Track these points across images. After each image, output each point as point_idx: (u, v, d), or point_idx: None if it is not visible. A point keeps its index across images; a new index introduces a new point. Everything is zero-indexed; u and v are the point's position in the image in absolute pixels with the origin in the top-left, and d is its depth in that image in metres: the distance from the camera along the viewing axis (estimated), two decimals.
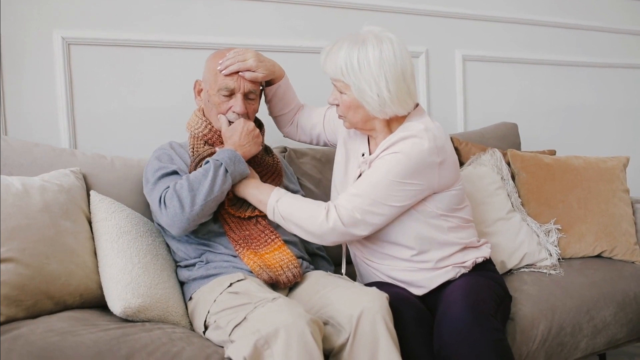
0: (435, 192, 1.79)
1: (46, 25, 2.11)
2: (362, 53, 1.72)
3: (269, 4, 2.53)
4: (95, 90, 2.21)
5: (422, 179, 1.74)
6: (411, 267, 1.83)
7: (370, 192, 1.73)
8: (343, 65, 1.74)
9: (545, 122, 3.33)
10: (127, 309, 1.60)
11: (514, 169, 2.50)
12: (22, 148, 1.89)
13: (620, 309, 2.15)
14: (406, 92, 1.76)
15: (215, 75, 1.88)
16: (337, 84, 1.80)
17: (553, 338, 1.99)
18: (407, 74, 1.75)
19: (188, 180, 1.73)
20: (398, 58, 1.73)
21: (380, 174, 1.73)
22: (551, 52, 3.34)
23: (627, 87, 3.65)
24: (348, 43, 1.75)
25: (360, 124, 1.84)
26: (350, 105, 1.79)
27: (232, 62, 1.86)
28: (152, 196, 1.80)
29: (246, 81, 1.87)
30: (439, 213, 1.80)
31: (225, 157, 1.77)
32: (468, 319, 1.65)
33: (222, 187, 1.74)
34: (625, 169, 2.57)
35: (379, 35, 1.76)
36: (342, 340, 1.56)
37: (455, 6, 3.01)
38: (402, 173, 1.72)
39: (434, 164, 1.74)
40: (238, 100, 1.87)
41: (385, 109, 1.76)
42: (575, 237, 2.39)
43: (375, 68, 1.71)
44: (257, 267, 1.76)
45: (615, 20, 3.55)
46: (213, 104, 1.89)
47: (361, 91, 1.74)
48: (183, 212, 1.71)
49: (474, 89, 3.10)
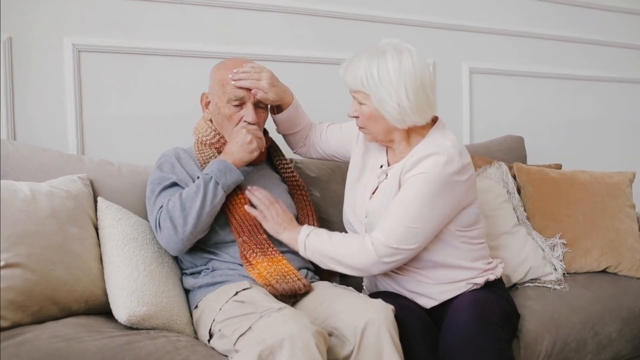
0: (463, 208, 1.79)
1: (57, 32, 2.12)
2: (382, 63, 1.73)
3: (279, 14, 2.54)
4: (104, 97, 2.22)
5: (451, 197, 1.74)
6: (424, 280, 1.83)
7: (404, 218, 1.71)
8: (363, 76, 1.75)
9: (550, 136, 3.33)
10: (132, 317, 1.61)
11: (519, 182, 2.49)
12: (30, 153, 1.90)
13: (625, 324, 2.14)
14: (425, 101, 1.76)
15: (223, 86, 1.88)
16: (357, 96, 1.80)
17: (557, 353, 1.98)
18: (426, 84, 1.76)
19: (180, 198, 1.74)
20: (417, 68, 1.74)
21: (411, 196, 1.73)
22: (557, 66, 3.35)
23: (633, 101, 3.64)
24: (367, 55, 1.77)
25: (381, 135, 1.84)
26: (371, 115, 1.80)
27: (246, 77, 1.87)
28: (151, 216, 1.81)
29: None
30: (455, 230, 1.80)
31: (215, 168, 1.77)
32: (474, 327, 1.65)
33: (213, 201, 1.74)
34: (632, 184, 2.56)
35: (397, 46, 1.77)
36: (346, 352, 1.56)
37: (462, 19, 3.02)
38: (432, 192, 1.71)
39: (461, 182, 1.75)
40: (249, 109, 1.87)
41: (405, 118, 1.76)
42: (581, 252, 2.38)
43: (394, 77, 1.72)
44: (272, 279, 1.74)
45: (621, 34, 3.56)
46: (224, 116, 1.89)
47: (381, 101, 1.74)
48: (176, 233, 1.72)
49: (480, 102, 3.11)
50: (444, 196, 1.72)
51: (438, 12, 2.95)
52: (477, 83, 3.09)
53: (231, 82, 1.87)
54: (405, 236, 1.71)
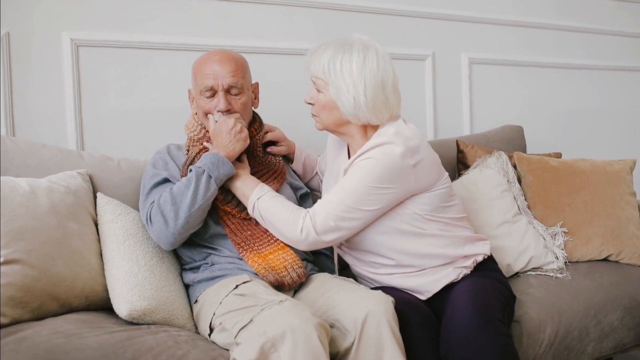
0: (413, 194, 1.78)
1: (55, 26, 2.12)
2: (347, 56, 1.75)
3: (276, 7, 2.53)
4: (103, 92, 2.21)
5: (396, 183, 1.73)
6: (402, 272, 1.82)
7: (345, 198, 1.73)
8: (326, 64, 1.77)
9: (550, 125, 3.33)
10: (133, 312, 1.61)
11: (520, 171, 2.49)
12: (29, 149, 1.89)
13: (627, 313, 2.14)
14: (382, 101, 1.77)
15: (195, 77, 1.88)
16: (316, 82, 1.82)
17: (560, 342, 1.98)
18: (387, 84, 1.77)
19: (171, 193, 1.73)
20: (381, 67, 1.76)
21: (354, 180, 1.74)
22: (557, 55, 3.34)
23: (633, 90, 3.64)
24: (335, 45, 1.78)
25: (332, 125, 1.85)
26: (326, 105, 1.81)
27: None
28: (142, 212, 1.80)
29: (226, 76, 1.84)
30: (422, 215, 1.79)
31: (208, 162, 1.76)
32: (475, 324, 1.64)
33: (205, 194, 1.73)
34: (632, 172, 2.56)
35: (366, 43, 1.79)
36: (347, 344, 1.56)
37: (461, 9, 3.01)
38: (376, 178, 1.72)
39: (407, 166, 1.73)
40: (220, 97, 1.85)
41: (359, 114, 1.77)
42: (582, 240, 2.38)
43: (356, 72, 1.74)
44: (262, 269, 1.75)
45: (621, 23, 3.55)
46: (199, 108, 1.89)
47: (338, 91, 1.76)
48: (167, 227, 1.71)
49: (479, 92, 3.10)
50: (388, 181, 1.72)
51: (437, 2, 2.95)
52: (476, 73, 3.08)
53: (201, 72, 1.86)
54: (344, 215, 1.72)
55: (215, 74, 1.84)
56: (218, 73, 1.84)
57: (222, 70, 1.84)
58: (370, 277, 1.88)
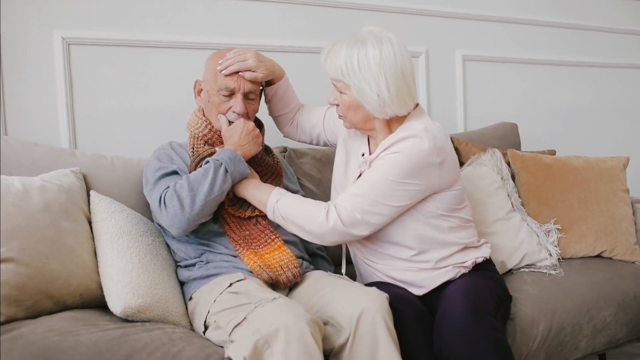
0: (435, 192, 1.79)
1: (46, 25, 2.11)
2: (362, 53, 1.72)
3: (270, 4, 2.53)
4: (95, 90, 2.20)
5: (422, 179, 1.74)
6: (411, 267, 1.83)
7: (370, 192, 1.73)
8: (343, 65, 1.74)
9: (545, 122, 3.33)
10: (127, 309, 1.60)
11: (514, 169, 2.50)
12: (22, 148, 1.89)
13: (620, 309, 2.15)
14: (406, 92, 1.76)
15: (215, 75, 1.88)
16: (337, 84, 1.80)
17: (553, 338, 1.99)
18: (407, 73, 1.75)
19: (188, 180, 1.73)
20: (398, 58, 1.73)
21: (380, 174, 1.73)
22: (551, 52, 3.34)
23: (627, 87, 3.64)
24: (348, 43, 1.75)
25: (360, 124, 1.84)
26: (351, 105, 1.79)
27: (232, 62, 1.86)
28: (152, 196, 1.80)
29: (246, 81, 1.87)
30: (439, 213, 1.80)
31: (225, 157, 1.77)
32: (469, 319, 1.65)
33: (222, 187, 1.74)
34: (625, 169, 2.57)
35: (378, 35, 1.76)
36: (342, 341, 1.56)
37: (455, 6, 3.01)
38: (401, 173, 1.72)
39: (433, 164, 1.74)
40: (238, 100, 1.87)
41: (386, 109, 1.76)
42: (575, 237, 2.39)
43: (375, 68, 1.71)
44: (257, 267, 1.76)
45: (615, 20, 3.55)
46: (213, 104, 1.89)
47: (361, 91, 1.74)
48: (183, 212, 1.70)
49: (473, 89, 3.10)
50: (413, 176, 1.72)
51: None
52: (470, 70, 3.08)
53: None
54: (370, 209, 1.72)
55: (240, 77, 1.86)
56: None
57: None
58: (376, 268, 1.88)
